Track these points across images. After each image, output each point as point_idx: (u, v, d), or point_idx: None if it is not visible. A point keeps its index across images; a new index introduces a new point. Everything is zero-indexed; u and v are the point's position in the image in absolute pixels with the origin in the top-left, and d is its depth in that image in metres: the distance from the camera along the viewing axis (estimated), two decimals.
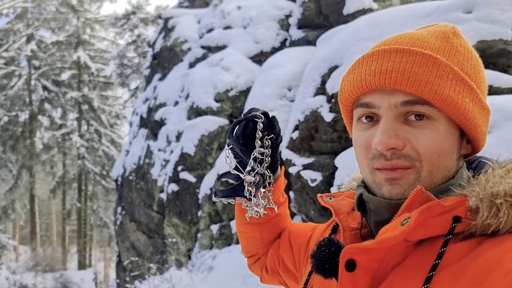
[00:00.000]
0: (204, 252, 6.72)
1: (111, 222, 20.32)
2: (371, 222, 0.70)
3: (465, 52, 0.66)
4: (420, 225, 0.57)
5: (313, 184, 4.94)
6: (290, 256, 0.99)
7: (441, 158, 0.63)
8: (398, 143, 0.62)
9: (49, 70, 22.91)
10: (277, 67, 6.63)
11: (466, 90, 0.63)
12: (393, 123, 0.63)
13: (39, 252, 22.11)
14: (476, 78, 0.65)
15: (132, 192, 9.62)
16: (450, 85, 0.61)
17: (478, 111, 0.64)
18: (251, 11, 8.55)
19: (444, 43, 0.65)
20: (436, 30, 0.67)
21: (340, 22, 6.44)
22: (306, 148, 5.27)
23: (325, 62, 5.25)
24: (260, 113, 0.87)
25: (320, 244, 0.68)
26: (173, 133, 8.21)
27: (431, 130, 0.62)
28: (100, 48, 24.49)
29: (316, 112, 5.05)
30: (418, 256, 0.60)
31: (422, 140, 0.62)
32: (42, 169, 24.36)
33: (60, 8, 23.30)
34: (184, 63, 9.36)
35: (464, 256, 0.56)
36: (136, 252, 9.47)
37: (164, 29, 10.96)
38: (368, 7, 6.28)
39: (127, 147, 10.99)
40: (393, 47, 0.65)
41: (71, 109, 23.78)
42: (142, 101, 10.91)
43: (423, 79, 0.61)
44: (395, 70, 0.62)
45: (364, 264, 0.60)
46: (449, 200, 0.58)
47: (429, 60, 0.62)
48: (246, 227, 1.05)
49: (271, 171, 0.94)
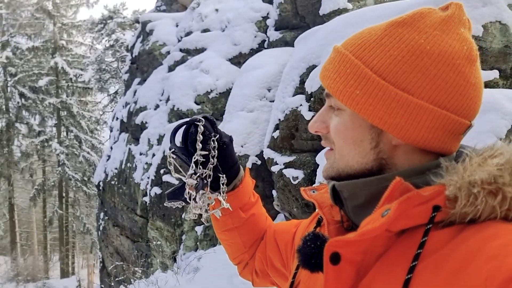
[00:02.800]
0: (189, 253, 6.74)
1: (94, 228, 20.06)
2: (349, 211, 0.71)
3: (390, 43, 0.65)
4: (400, 215, 0.58)
5: (295, 182, 5.03)
6: (278, 255, 0.99)
7: (346, 144, 0.69)
8: (320, 127, 0.73)
9: (25, 76, 22.50)
10: (256, 68, 6.71)
11: (363, 83, 0.65)
12: (324, 110, 0.74)
13: (20, 262, 21.64)
14: (393, 69, 0.63)
15: (114, 197, 9.56)
16: (345, 79, 0.67)
17: (378, 103, 0.64)
18: (228, 14, 8.61)
19: (372, 37, 0.67)
20: (389, 22, 0.68)
21: (317, 23, 6.56)
22: (287, 147, 5.36)
23: (303, 62, 5.36)
24: (201, 117, 0.89)
25: (306, 239, 0.69)
26: (155, 136, 8.21)
27: (338, 118, 0.70)
28: (78, 53, 24.20)
29: (296, 111, 5.15)
30: (400, 246, 0.61)
31: (332, 126, 0.71)
32: (21, 177, 23.90)
33: (36, 14, 22.92)
34: (164, 67, 9.35)
35: (445, 244, 0.57)
36: (121, 257, 9.41)
37: (142, 33, 10.92)
38: (343, 7, 6.42)
39: (108, 152, 10.90)
40: (335, 46, 0.73)
41: (50, 115, 23.41)
42: (122, 105, 10.84)
43: (327, 74, 0.70)
44: (323, 66, 0.73)
45: (348, 257, 0.61)
46: (428, 190, 0.59)
47: (338, 56, 0.70)
48: (225, 234, 1.06)
49: (232, 173, 0.97)
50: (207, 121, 0.91)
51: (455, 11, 0.67)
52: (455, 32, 0.65)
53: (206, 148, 0.89)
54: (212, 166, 0.89)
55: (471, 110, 0.65)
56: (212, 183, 0.91)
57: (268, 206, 5.97)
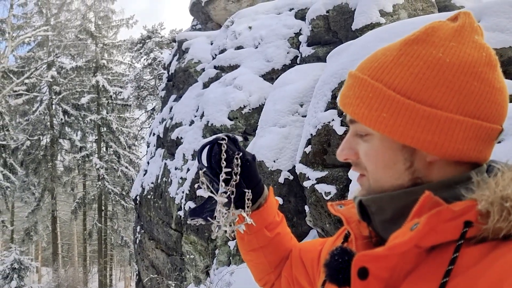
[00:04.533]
0: (222, 268, 6.77)
1: (131, 241, 20.49)
2: (377, 226, 0.70)
3: (408, 62, 0.65)
4: (430, 230, 0.57)
5: (328, 197, 4.99)
6: (304, 273, 0.98)
7: (378, 169, 0.68)
8: (349, 154, 0.72)
9: (69, 94, 23.59)
10: (289, 84, 6.76)
11: (388, 105, 0.64)
12: (350, 137, 0.72)
13: (61, 273, 22.34)
14: (416, 87, 0.63)
15: (150, 211, 9.78)
16: (369, 103, 0.66)
17: (407, 122, 0.63)
18: (261, 31, 8.75)
19: (387, 58, 0.67)
20: (402, 40, 0.68)
21: (349, 38, 6.56)
22: (319, 162, 5.34)
23: (335, 76, 5.36)
24: (224, 136, 0.92)
25: (333, 253, 0.68)
26: (189, 151, 8.38)
27: (368, 144, 0.69)
28: (118, 71, 25.14)
29: (328, 126, 5.14)
30: (430, 263, 0.60)
31: (362, 152, 0.70)
32: (63, 191, 24.89)
33: (79, 35, 24.09)
34: (199, 84, 9.59)
35: (478, 261, 0.55)
36: (156, 270, 9.56)
37: (179, 52, 11.26)
38: (376, 22, 6.39)
39: (145, 167, 11.20)
40: (350, 71, 0.73)
41: (91, 131, 24.37)
42: (159, 121, 11.15)
43: (348, 101, 0.70)
44: (342, 94, 0.73)
45: (376, 272, 0.60)
46: (459, 205, 0.57)
47: (356, 82, 0.69)
48: (251, 254, 1.06)
49: (256, 191, 0.97)
50: (230, 140, 0.93)
51: (465, 20, 0.67)
52: (471, 41, 0.65)
53: (230, 166, 0.91)
54: (235, 183, 0.91)
55: (500, 115, 0.65)
56: (237, 201, 0.92)
57: (300, 222, 5.94)
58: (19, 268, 10.69)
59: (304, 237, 5.84)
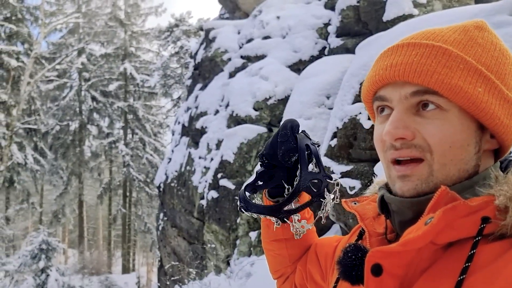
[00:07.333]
0: (242, 258, 6.78)
1: (154, 227, 20.88)
2: (396, 224, 0.68)
3: (485, 44, 0.64)
4: (446, 226, 0.55)
5: (352, 192, 4.89)
6: (317, 268, 0.97)
7: (453, 149, 0.61)
8: (406, 133, 0.62)
9: (97, 81, 24.06)
10: (315, 75, 6.64)
11: (480, 81, 0.61)
12: (402, 114, 0.64)
13: (86, 256, 23.03)
14: (498, 70, 0.62)
15: (173, 199, 9.88)
16: (460, 74, 0.61)
17: (496, 102, 0.61)
18: (289, 21, 8.63)
19: (461, 36, 0.65)
20: (458, 25, 0.67)
21: (380, 29, 6.37)
22: (344, 156, 5.23)
23: (363, 69, 5.22)
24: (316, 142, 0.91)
25: (346, 250, 0.66)
26: (213, 141, 8.38)
27: (442, 121, 0.61)
28: (145, 59, 25.47)
29: (355, 120, 5.02)
30: (447, 260, 0.58)
31: (432, 130, 0.61)
32: (90, 175, 25.55)
33: (109, 23, 24.46)
34: (224, 73, 9.55)
35: (497, 259, 0.53)
36: (177, 257, 9.68)
37: (205, 40, 11.25)
38: (409, 13, 6.18)
39: (169, 155, 11.30)
40: (406, 42, 0.67)
41: (118, 118, 24.83)
42: (184, 110, 11.21)
43: (430, 69, 0.61)
44: (404, 63, 0.63)
45: (391, 269, 0.58)
46: (476, 200, 0.56)
47: (438, 51, 0.62)
48: (273, 244, 1.04)
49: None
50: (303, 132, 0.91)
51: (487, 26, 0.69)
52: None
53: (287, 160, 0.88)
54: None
55: None
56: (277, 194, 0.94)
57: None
58: (46, 249, 11.02)
59: (326, 231, 5.77)
